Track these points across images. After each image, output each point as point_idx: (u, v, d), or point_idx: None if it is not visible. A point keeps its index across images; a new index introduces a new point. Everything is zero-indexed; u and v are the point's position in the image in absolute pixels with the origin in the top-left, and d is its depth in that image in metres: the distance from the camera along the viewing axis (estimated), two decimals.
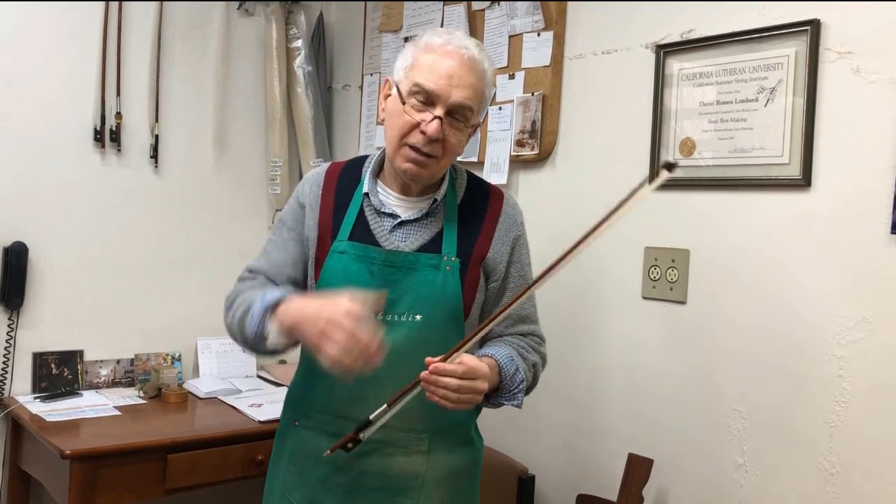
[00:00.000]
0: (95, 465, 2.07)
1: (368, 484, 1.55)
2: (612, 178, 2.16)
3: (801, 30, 1.77)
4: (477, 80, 1.51)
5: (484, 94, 1.54)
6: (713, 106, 1.93)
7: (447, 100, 1.47)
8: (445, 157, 1.52)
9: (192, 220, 2.87)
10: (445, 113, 1.48)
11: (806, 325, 1.76)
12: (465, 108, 1.49)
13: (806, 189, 1.77)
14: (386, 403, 1.37)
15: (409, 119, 1.49)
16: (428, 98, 1.48)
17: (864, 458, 1.67)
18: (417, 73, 1.49)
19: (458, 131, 1.51)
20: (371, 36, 2.97)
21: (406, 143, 1.50)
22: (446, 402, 1.38)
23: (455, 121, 1.50)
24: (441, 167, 1.54)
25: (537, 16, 2.32)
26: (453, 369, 1.36)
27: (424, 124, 1.47)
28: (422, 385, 1.36)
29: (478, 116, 1.56)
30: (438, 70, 1.48)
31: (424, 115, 1.48)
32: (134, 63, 2.70)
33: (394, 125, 1.52)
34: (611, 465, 2.11)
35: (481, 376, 1.41)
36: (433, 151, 1.49)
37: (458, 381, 1.36)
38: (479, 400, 1.45)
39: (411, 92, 1.49)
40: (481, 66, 1.52)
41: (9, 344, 2.49)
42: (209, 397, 2.62)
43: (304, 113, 3.00)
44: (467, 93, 1.49)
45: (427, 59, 1.50)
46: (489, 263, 1.59)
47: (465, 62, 1.49)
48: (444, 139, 1.49)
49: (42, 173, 2.53)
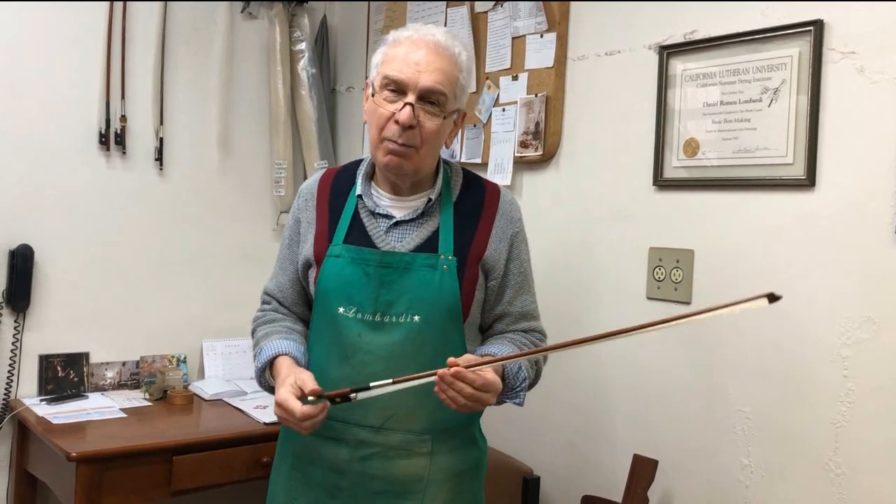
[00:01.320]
0: (101, 468, 2.07)
1: (372, 488, 1.55)
2: (615, 179, 2.16)
3: (805, 30, 1.76)
4: (446, 63, 1.52)
5: (458, 79, 1.54)
6: (717, 106, 1.93)
7: (416, 85, 1.49)
8: (425, 147, 1.52)
9: (197, 222, 2.88)
10: (417, 99, 1.49)
11: (811, 326, 1.76)
12: (437, 92, 1.50)
13: (810, 189, 1.77)
14: (392, 379, 1.37)
15: (383, 111, 1.51)
16: (398, 87, 1.50)
17: (869, 459, 1.67)
18: (387, 66, 1.52)
19: (434, 116, 1.51)
20: (374, 38, 2.97)
21: (384, 136, 1.51)
22: (450, 403, 1.38)
23: (429, 105, 1.51)
24: (423, 158, 1.54)
25: (540, 17, 2.32)
26: (473, 379, 1.37)
27: (397, 113, 1.48)
28: (436, 380, 1.36)
29: (455, 102, 1.56)
30: (407, 59, 1.50)
31: (396, 104, 1.49)
32: (138, 66, 2.71)
33: (372, 122, 1.54)
34: (616, 466, 2.11)
35: (493, 391, 1.42)
36: (410, 141, 1.50)
37: (471, 391, 1.37)
38: (480, 409, 1.46)
39: (382, 85, 1.51)
40: (450, 51, 1.53)
41: (15, 346, 2.49)
42: (214, 399, 2.63)
43: (308, 115, 3.00)
44: (436, 76, 1.50)
45: (396, 51, 1.52)
46: (488, 261, 1.58)
47: (432, 48, 1.51)
48: (420, 126, 1.50)
49: (47, 176, 2.54)
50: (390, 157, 1.51)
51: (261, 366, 1.59)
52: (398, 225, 1.58)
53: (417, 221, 1.58)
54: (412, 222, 1.58)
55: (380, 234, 1.57)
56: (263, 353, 1.59)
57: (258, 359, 1.61)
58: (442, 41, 1.52)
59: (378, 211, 1.59)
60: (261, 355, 1.60)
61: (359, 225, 1.58)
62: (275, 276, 1.73)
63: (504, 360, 1.45)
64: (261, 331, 1.67)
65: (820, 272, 1.75)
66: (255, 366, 1.62)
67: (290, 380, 1.44)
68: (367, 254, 1.55)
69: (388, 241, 1.56)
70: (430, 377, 1.36)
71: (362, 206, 1.60)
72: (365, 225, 1.58)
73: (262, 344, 1.62)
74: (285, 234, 1.71)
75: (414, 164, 1.53)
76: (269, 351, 1.58)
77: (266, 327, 1.67)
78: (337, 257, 1.56)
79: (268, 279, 1.76)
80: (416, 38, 1.52)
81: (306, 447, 1.60)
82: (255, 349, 1.66)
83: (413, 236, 1.57)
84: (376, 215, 1.59)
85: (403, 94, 1.49)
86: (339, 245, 1.57)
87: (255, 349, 1.65)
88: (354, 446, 1.55)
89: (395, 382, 1.37)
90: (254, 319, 1.73)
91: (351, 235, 1.57)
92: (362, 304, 1.53)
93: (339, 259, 1.56)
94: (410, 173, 1.55)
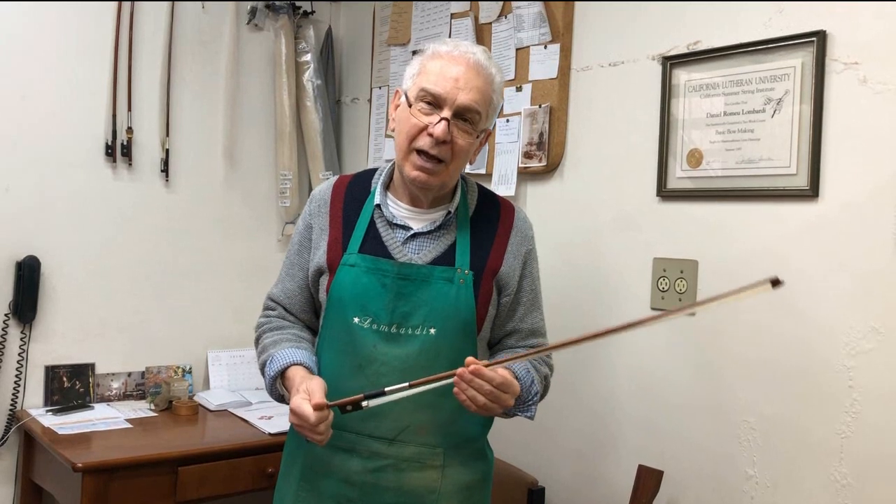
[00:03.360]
0: (107, 478, 2.08)
1: (384, 500, 1.54)
2: (619, 190, 2.17)
3: (808, 40, 1.77)
4: (483, 83, 1.52)
5: (492, 100, 1.55)
6: (720, 117, 1.93)
7: (454, 102, 1.49)
8: (454, 162, 1.53)
9: (203, 234, 2.89)
10: (453, 115, 1.49)
11: (815, 336, 1.76)
12: (473, 110, 1.51)
13: (814, 199, 1.77)
14: (408, 383, 1.36)
15: (416, 122, 1.51)
16: (435, 101, 1.50)
17: (875, 469, 1.66)
18: (424, 79, 1.52)
19: (467, 134, 1.52)
20: (379, 49, 2.99)
21: (415, 147, 1.51)
22: (470, 404, 1.38)
23: (463, 123, 1.51)
24: (450, 174, 1.54)
25: (544, 28, 2.33)
26: (491, 377, 1.37)
27: (432, 126, 1.49)
28: (455, 380, 1.36)
29: (486, 122, 1.56)
30: (445, 74, 1.50)
31: (432, 117, 1.50)
32: (145, 78, 2.73)
33: (402, 130, 1.54)
34: (621, 477, 2.11)
35: (512, 392, 1.42)
36: (442, 154, 1.50)
37: (490, 389, 1.37)
38: (499, 412, 1.45)
39: (419, 97, 1.51)
40: (488, 71, 1.54)
41: (21, 357, 2.50)
42: (220, 409, 2.64)
43: (314, 126, 3.01)
44: (474, 95, 1.50)
45: (434, 65, 1.52)
46: (502, 277, 1.59)
47: (472, 66, 1.51)
48: (453, 142, 1.50)
49: (54, 188, 2.56)
50: (419, 172, 1.51)
51: (273, 374, 1.57)
52: (416, 237, 1.58)
53: (435, 234, 1.58)
54: (429, 234, 1.58)
55: (396, 245, 1.57)
56: (275, 363, 1.57)
57: (269, 367, 1.58)
58: (482, 61, 1.53)
59: (395, 221, 1.59)
60: (272, 364, 1.57)
61: (375, 234, 1.58)
62: (281, 281, 1.70)
63: (520, 359, 1.43)
64: (267, 338, 1.65)
65: (823, 283, 1.75)
66: (266, 373, 1.60)
67: (303, 386, 1.43)
68: (385, 264, 1.54)
69: (406, 252, 1.56)
70: (448, 378, 1.36)
71: (379, 215, 1.59)
72: (381, 235, 1.58)
73: (272, 352, 1.59)
74: (294, 240, 1.69)
75: (441, 179, 1.53)
76: (282, 360, 1.56)
77: (273, 334, 1.64)
78: (352, 266, 1.55)
79: (272, 286, 1.74)
80: (455, 54, 1.52)
81: (317, 458, 1.58)
82: (261, 356, 1.64)
83: (430, 249, 1.57)
84: (393, 226, 1.58)
85: (439, 109, 1.50)
86: (355, 254, 1.56)
87: (263, 356, 1.63)
88: (367, 458, 1.54)
89: (411, 386, 1.36)
90: (257, 326, 1.70)
91: (366, 245, 1.57)
92: (378, 314, 1.53)
93: (354, 268, 1.55)
94: (435, 188, 1.56)
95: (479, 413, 1.41)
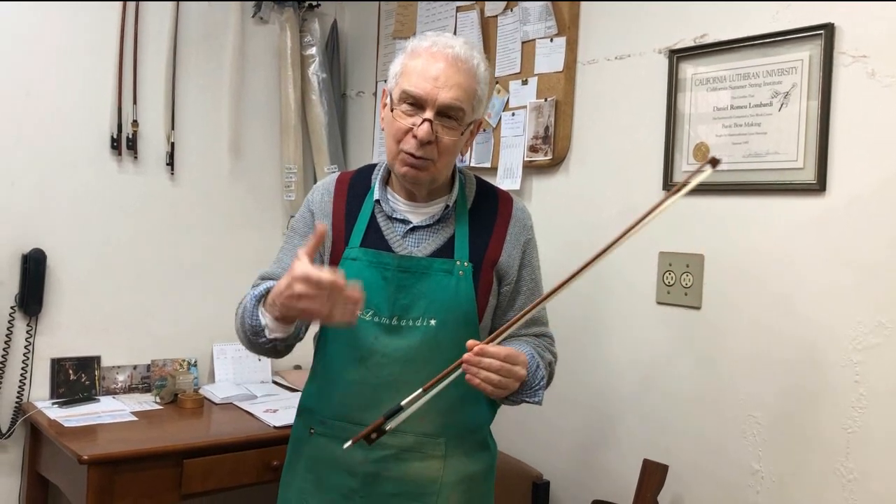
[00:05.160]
0: (112, 471, 2.08)
1: (386, 490, 1.55)
2: (625, 184, 2.16)
3: (816, 34, 1.76)
4: (465, 78, 1.51)
5: (476, 92, 1.54)
6: (727, 111, 1.92)
7: (435, 101, 1.48)
8: (442, 159, 1.53)
9: (208, 227, 2.89)
10: (436, 114, 1.49)
11: (821, 331, 1.75)
12: (455, 108, 1.50)
13: (821, 193, 1.76)
14: (421, 388, 1.35)
15: (400, 125, 1.51)
16: (417, 102, 1.49)
17: (881, 464, 1.66)
18: (405, 80, 1.51)
19: (452, 130, 1.51)
20: (385, 42, 2.98)
21: (402, 149, 1.51)
22: (486, 386, 1.38)
23: (447, 120, 1.51)
24: (440, 169, 1.54)
25: (550, 21, 2.32)
26: (497, 351, 1.38)
27: (415, 128, 1.48)
28: (464, 367, 1.36)
29: (473, 115, 1.56)
30: (425, 74, 1.49)
31: (415, 119, 1.49)
32: (150, 71, 2.73)
33: (390, 132, 1.54)
34: (626, 471, 2.10)
35: (521, 363, 1.43)
36: (427, 154, 1.50)
37: (500, 363, 1.38)
38: (515, 387, 1.44)
39: (401, 98, 1.51)
40: (469, 64, 1.52)
41: (27, 350, 2.51)
42: (225, 403, 2.64)
43: (319, 119, 3.01)
44: (455, 93, 1.49)
45: (414, 63, 1.52)
46: (502, 267, 1.60)
47: (451, 62, 1.50)
48: (438, 140, 1.50)
49: (60, 181, 2.56)
50: (408, 168, 1.52)
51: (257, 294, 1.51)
52: (415, 230, 1.59)
53: (434, 227, 1.59)
54: (428, 228, 1.59)
55: (396, 239, 1.58)
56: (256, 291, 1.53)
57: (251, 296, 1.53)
58: (461, 54, 1.52)
59: (395, 216, 1.60)
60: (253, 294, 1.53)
61: (375, 229, 1.59)
62: (278, 261, 1.66)
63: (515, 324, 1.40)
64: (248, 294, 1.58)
65: (830, 277, 1.74)
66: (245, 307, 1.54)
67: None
68: (386, 257, 1.56)
69: (405, 245, 1.57)
70: (456, 370, 1.36)
71: (379, 210, 1.60)
72: (382, 229, 1.59)
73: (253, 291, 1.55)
74: (295, 225, 1.68)
75: (431, 174, 1.54)
76: (266, 284, 1.51)
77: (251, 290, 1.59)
78: (354, 260, 1.56)
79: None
80: (434, 50, 1.51)
81: (320, 449, 1.60)
82: (239, 309, 1.58)
83: (430, 241, 1.58)
84: (393, 220, 1.60)
85: (422, 109, 1.49)
86: (356, 248, 1.57)
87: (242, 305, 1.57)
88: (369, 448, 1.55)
89: (425, 391, 1.35)
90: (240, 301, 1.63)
91: (368, 239, 1.58)
92: (379, 307, 1.54)
93: (356, 262, 1.56)
94: (426, 183, 1.56)
95: (495, 395, 1.42)
